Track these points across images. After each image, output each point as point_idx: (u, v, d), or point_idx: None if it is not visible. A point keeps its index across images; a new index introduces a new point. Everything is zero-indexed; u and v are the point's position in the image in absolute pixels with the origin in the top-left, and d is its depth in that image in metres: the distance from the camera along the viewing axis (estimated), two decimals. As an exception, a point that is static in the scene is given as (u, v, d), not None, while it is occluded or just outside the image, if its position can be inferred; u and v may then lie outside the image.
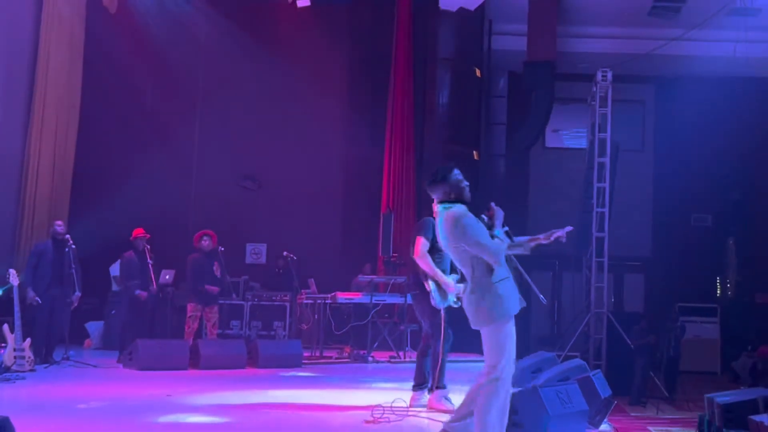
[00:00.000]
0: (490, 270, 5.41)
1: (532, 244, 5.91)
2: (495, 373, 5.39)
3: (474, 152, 16.35)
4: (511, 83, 17.55)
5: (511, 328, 5.45)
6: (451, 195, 5.60)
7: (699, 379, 12.87)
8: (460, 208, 5.53)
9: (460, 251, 5.47)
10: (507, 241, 5.53)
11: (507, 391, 5.50)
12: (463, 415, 5.63)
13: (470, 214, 5.51)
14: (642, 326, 11.83)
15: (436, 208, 5.69)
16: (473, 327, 5.55)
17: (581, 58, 16.41)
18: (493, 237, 5.44)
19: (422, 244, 7.60)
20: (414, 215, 15.95)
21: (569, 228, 5.89)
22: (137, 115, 16.32)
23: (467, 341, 10.65)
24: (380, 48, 16.59)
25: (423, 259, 7.57)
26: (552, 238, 5.91)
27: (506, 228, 5.59)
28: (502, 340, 5.41)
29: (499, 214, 5.58)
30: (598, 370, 8.31)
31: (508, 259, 7.23)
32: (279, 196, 16.59)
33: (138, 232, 12.11)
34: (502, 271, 5.46)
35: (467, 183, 5.72)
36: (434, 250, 7.64)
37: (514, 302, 5.47)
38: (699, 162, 17.53)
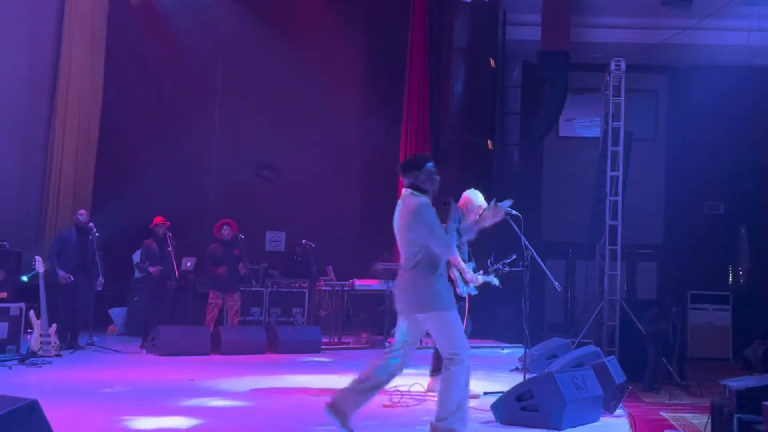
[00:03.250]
0: (432, 264, 5.65)
1: (477, 226, 6.18)
2: (455, 358, 5.61)
3: (488, 142, 16.44)
4: (525, 73, 17.57)
5: (454, 315, 5.70)
6: (420, 184, 5.78)
7: (711, 366, 12.97)
8: (425, 199, 5.72)
9: (410, 238, 5.70)
10: (456, 237, 5.76)
11: (468, 368, 5.67)
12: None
13: (430, 206, 5.70)
14: (653, 313, 11.94)
15: (404, 191, 5.85)
16: (408, 313, 5.76)
17: (595, 48, 16.45)
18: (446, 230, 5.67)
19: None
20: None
21: (509, 201, 6.06)
22: (158, 105, 16.45)
23: (484, 328, 10.89)
24: (396, 39, 16.68)
25: None
26: (494, 218, 6.06)
27: (458, 226, 5.81)
28: (449, 324, 5.65)
29: (456, 211, 5.79)
30: (613, 357, 8.45)
31: (525, 246, 7.42)
32: (297, 184, 16.72)
33: (158, 219, 12.24)
34: (441, 269, 5.70)
35: (438, 178, 5.88)
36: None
37: (448, 297, 5.72)
38: (711, 151, 17.54)
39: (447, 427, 5.59)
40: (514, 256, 8.41)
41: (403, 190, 5.86)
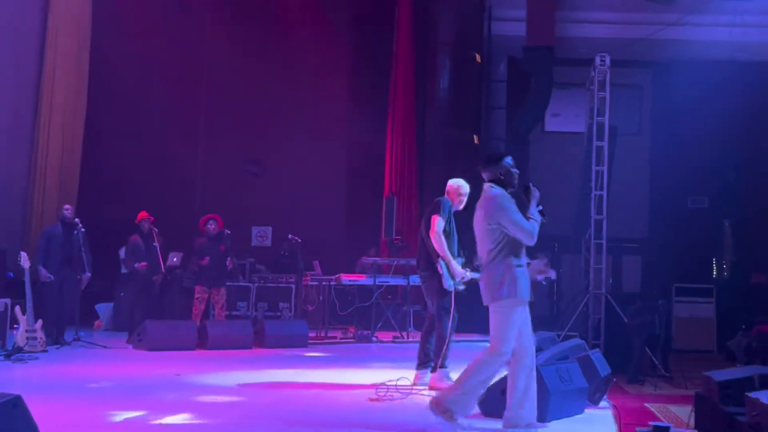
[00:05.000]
0: (514, 253, 5.78)
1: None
2: (498, 350, 5.73)
3: (474, 136, 16.48)
4: (511, 68, 17.62)
5: (522, 311, 5.80)
6: (500, 177, 5.97)
7: (695, 358, 13.03)
8: (504, 191, 5.91)
9: (494, 229, 5.81)
10: (540, 220, 5.85)
11: (500, 366, 5.82)
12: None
13: (510, 197, 5.88)
14: (637, 306, 12.01)
15: (485, 186, 6.03)
16: (485, 303, 5.85)
17: (580, 43, 16.52)
18: (528, 218, 5.81)
19: (439, 222, 7.74)
20: (416, 198, 16.14)
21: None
22: (144, 100, 16.42)
23: (469, 322, 10.90)
24: (382, 34, 16.75)
25: (438, 238, 7.71)
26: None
27: (540, 207, 5.93)
28: (511, 319, 5.73)
29: (536, 194, 5.93)
30: (597, 349, 8.50)
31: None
32: (284, 180, 16.75)
33: (142, 215, 12.26)
34: (523, 259, 5.85)
35: (518, 171, 6.08)
36: (444, 232, 7.80)
37: (527, 289, 5.82)
38: (695, 145, 17.64)
39: (447, 405, 5.74)
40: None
41: (484, 185, 6.03)
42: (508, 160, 6.06)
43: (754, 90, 16.93)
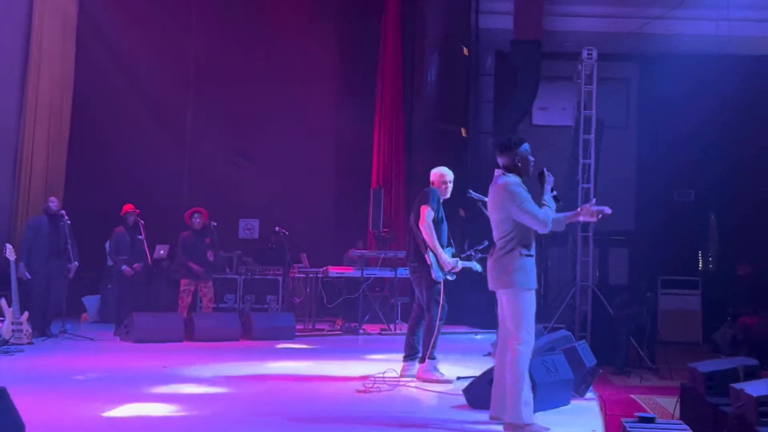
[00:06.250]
0: (524, 243, 5.72)
1: (571, 220, 6.11)
2: (519, 340, 5.68)
3: (462, 130, 16.47)
4: (499, 62, 17.61)
5: (531, 297, 5.76)
6: (517, 164, 5.82)
7: (681, 350, 13.12)
8: (515, 178, 5.78)
9: (505, 218, 5.74)
10: (554, 206, 5.79)
11: (529, 354, 5.75)
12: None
13: (522, 185, 5.77)
14: (623, 298, 12.09)
15: (496, 173, 5.91)
16: (491, 288, 5.86)
17: (567, 37, 16.54)
18: (541, 205, 5.73)
19: (428, 212, 7.74)
20: (404, 191, 16.14)
21: (608, 210, 5.94)
22: (131, 91, 16.35)
23: (457, 314, 10.95)
24: (370, 27, 16.72)
25: (428, 228, 7.71)
26: (588, 217, 6.03)
27: (554, 193, 5.87)
28: (522, 306, 5.71)
29: (550, 179, 5.85)
30: (584, 341, 8.54)
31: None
32: (271, 172, 16.71)
33: (127, 207, 12.20)
34: (533, 249, 5.79)
35: (533, 159, 5.92)
36: (434, 222, 7.81)
37: (533, 279, 5.79)
38: (682, 139, 17.68)
39: (519, 421, 5.61)
40: (486, 243, 8.46)
41: (495, 171, 5.91)
42: (526, 146, 5.87)
43: (741, 84, 16.97)
